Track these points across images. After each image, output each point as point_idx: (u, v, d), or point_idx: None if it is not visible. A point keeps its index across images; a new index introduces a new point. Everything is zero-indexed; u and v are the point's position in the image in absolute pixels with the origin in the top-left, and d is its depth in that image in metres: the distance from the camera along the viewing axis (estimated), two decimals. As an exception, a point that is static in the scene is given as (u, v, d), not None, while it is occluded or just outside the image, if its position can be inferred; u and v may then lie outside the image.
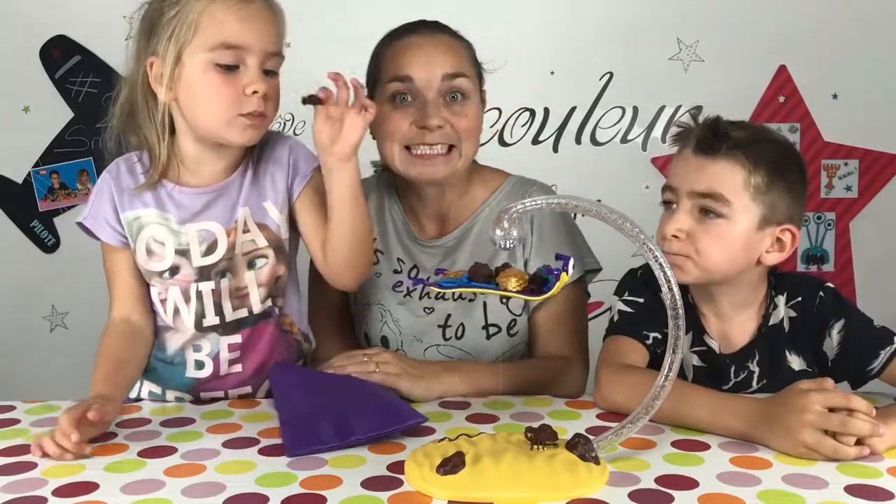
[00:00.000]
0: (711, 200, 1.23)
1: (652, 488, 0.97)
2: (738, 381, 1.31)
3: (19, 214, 2.40)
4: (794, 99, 2.39)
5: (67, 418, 1.08)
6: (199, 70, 1.21)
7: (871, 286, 2.40)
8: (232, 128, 1.23)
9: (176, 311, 1.33)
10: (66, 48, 2.35)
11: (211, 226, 1.30)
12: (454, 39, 1.43)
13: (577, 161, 2.38)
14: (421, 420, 1.14)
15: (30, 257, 2.41)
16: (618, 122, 2.39)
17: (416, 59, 1.38)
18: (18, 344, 2.39)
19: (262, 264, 1.32)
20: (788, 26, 2.35)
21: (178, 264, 1.30)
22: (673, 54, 2.36)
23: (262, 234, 1.31)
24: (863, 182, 2.42)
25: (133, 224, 1.31)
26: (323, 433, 1.09)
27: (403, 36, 1.42)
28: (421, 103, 1.38)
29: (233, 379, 1.36)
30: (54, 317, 2.42)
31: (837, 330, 1.29)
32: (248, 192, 1.31)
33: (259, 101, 1.22)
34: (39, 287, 2.41)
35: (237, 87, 1.21)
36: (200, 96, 1.22)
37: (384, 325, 1.48)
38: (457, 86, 1.38)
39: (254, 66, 1.22)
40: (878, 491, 0.96)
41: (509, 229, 0.98)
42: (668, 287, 0.97)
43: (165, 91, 1.23)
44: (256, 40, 1.21)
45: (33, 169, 2.37)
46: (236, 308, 1.33)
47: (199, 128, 1.26)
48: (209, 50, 1.20)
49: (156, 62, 1.23)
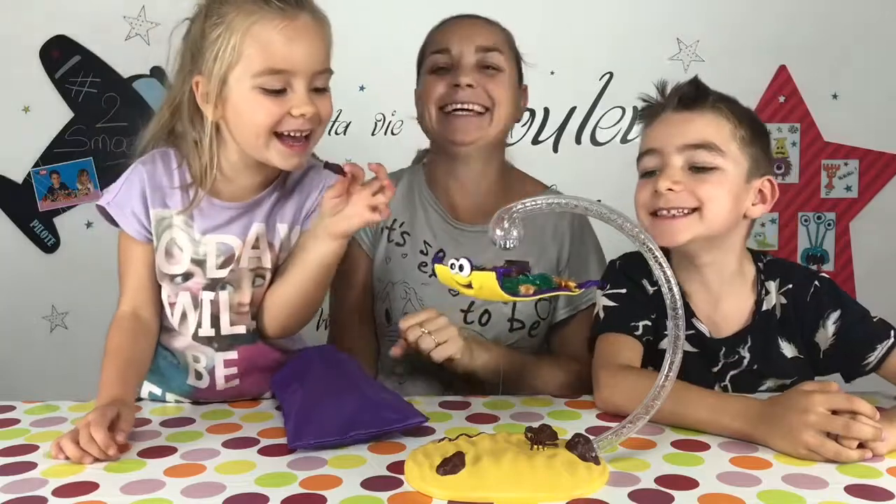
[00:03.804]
0: (705, 151, 1.24)
1: (652, 488, 0.97)
2: (728, 363, 1.31)
3: (19, 214, 2.40)
4: (794, 99, 2.39)
5: (101, 433, 1.05)
6: (245, 93, 1.18)
7: (871, 286, 2.40)
8: (273, 150, 1.21)
9: (183, 315, 1.32)
10: (66, 48, 2.34)
11: (230, 239, 1.29)
12: (493, 23, 1.53)
13: (577, 161, 2.38)
14: (422, 420, 1.14)
15: (30, 257, 2.40)
16: (618, 122, 2.39)
17: (455, 34, 1.49)
18: (18, 344, 2.38)
19: (259, 283, 1.31)
20: (788, 26, 2.35)
21: (193, 272, 1.29)
22: (673, 54, 2.36)
23: (269, 253, 1.30)
24: (863, 182, 2.42)
25: (162, 222, 1.28)
26: (324, 427, 1.09)
27: (450, 20, 1.54)
28: (456, 72, 1.47)
29: (230, 392, 1.35)
30: (54, 317, 2.42)
31: (833, 321, 1.29)
32: (268, 211, 1.30)
33: (305, 121, 1.20)
34: (39, 287, 2.41)
35: (283, 108, 1.19)
36: (244, 115, 1.20)
37: (407, 303, 1.50)
38: (490, 59, 1.47)
39: (301, 89, 1.19)
40: (878, 491, 0.96)
41: (509, 229, 0.98)
42: (668, 287, 0.97)
43: (212, 109, 1.21)
44: (303, 63, 1.18)
45: (33, 169, 2.37)
46: (234, 323, 1.32)
47: (242, 145, 1.24)
48: (255, 76, 1.17)
49: (201, 81, 1.21)
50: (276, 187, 1.31)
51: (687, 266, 1.31)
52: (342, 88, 2.51)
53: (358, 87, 2.35)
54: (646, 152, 1.30)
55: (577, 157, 2.40)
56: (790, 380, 1.31)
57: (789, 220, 2.43)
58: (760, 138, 1.30)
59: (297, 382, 1.23)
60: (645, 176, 1.30)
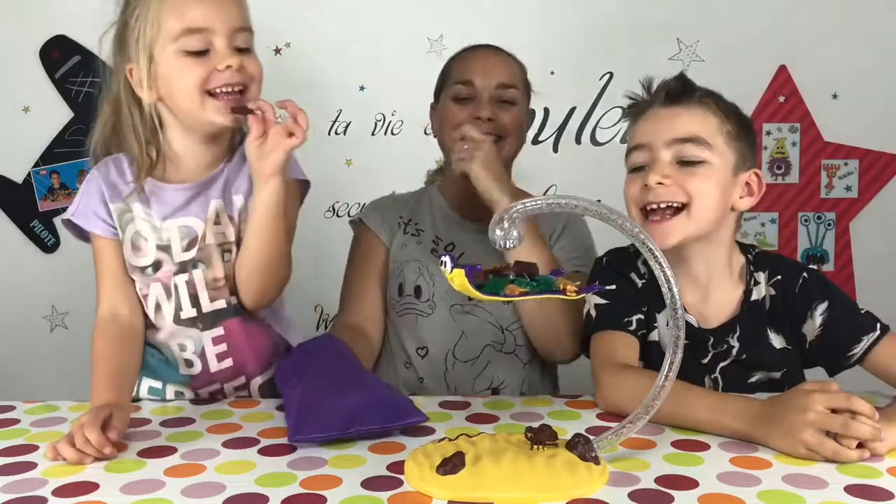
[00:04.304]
0: (693, 145, 1.26)
1: (652, 488, 0.97)
2: (716, 353, 1.32)
3: (19, 214, 2.40)
4: (794, 99, 2.38)
5: (95, 433, 1.06)
6: (172, 61, 1.24)
7: (870, 286, 2.39)
8: (209, 107, 1.25)
9: (157, 307, 1.34)
10: (66, 48, 2.34)
11: (190, 221, 1.32)
12: (511, 59, 1.64)
13: (577, 161, 2.38)
14: (422, 419, 1.15)
15: (30, 257, 2.40)
16: (618, 122, 2.39)
17: (478, 67, 1.59)
18: (18, 344, 2.38)
19: (228, 258, 1.34)
20: (788, 26, 2.35)
21: (161, 259, 1.32)
22: (673, 54, 2.36)
23: (232, 226, 1.33)
24: (863, 182, 2.42)
25: (123, 216, 1.32)
26: (325, 422, 1.10)
27: (472, 50, 1.65)
28: (477, 104, 1.57)
29: (226, 373, 1.37)
30: (54, 317, 2.42)
31: (820, 312, 1.29)
32: (223, 186, 1.33)
33: (233, 73, 1.24)
34: (39, 287, 2.40)
35: (209, 67, 1.24)
36: (176, 84, 1.25)
37: (420, 277, 1.59)
38: (507, 94, 1.58)
39: (222, 46, 1.24)
40: (878, 491, 0.96)
41: (509, 229, 0.98)
42: (668, 287, 0.97)
43: (147, 92, 1.27)
44: (219, 20, 1.24)
45: (33, 169, 2.37)
46: (214, 299, 1.34)
47: (182, 114, 1.28)
48: (175, 39, 1.23)
49: (133, 68, 1.27)
50: (226, 163, 1.35)
51: (675, 258, 1.30)
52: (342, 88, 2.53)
53: (358, 87, 2.35)
54: (634, 148, 1.31)
55: (577, 157, 2.39)
56: (780, 372, 1.32)
57: (789, 220, 2.43)
58: (746, 132, 1.32)
59: (297, 377, 1.23)
60: (634, 171, 1.32)
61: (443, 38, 2.27)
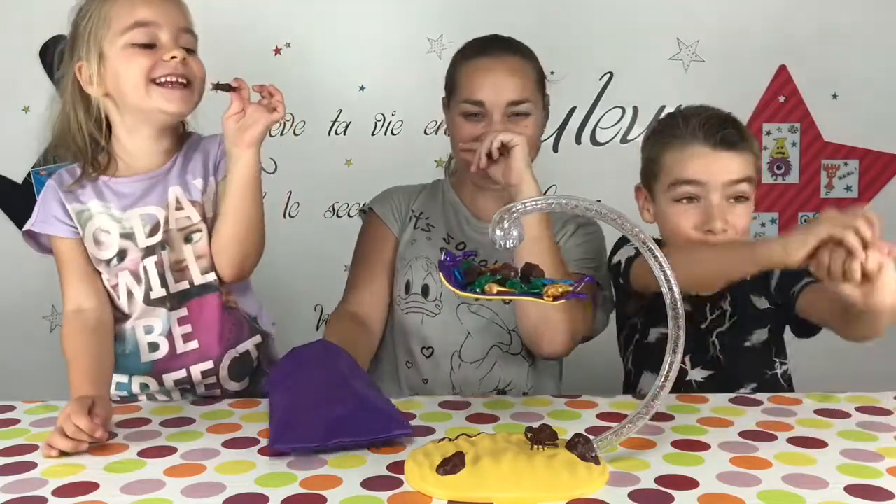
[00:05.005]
0: (746, 184, 1.39)
1: (652, 488, 0.97)
2: (713, 318, 1.45)
3: (19, 214, 2.40)
4: (794, 99, 2.38)
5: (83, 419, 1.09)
6: (119, 53, 1.30)
7: (871, 286, 2.40)
8: (155, 95, 1.30)
9: (129, 294, 1.37)
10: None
11: (152, 209, 1.37)
12: (523, 60, 1.54)
13: (577, 161, 2.38)
14: (406, 433, 1.11)
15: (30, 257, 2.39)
16: (618, 122, 2.39)
17: (487, 84, 1.50)
18: (18, 344, 2.38)
19: (198, 238, 1.38)
20: (788, 26, 2.35)
21: (125, 248, 1.36)
22: (673, 54, 2.36)
23: (195, 209, 1.37)
24: (863, 182, 2.42)
25: (82, 215, 1.37)
26: (306, 432, 1.08)
27: (478, 56, 1.55)
28: (488, 121, 1.50)
29: (192, 356, 1.39)
30: (54, 317, 2.41)
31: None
32: (178, 173, 1.38)
33: (178, 64, 1.30)
34: (39, 287, 2.39)
35: (155, 57, 1.29)
36: (123, 75, 1.30)
37: (428, 275, 1.56)
38: (521, 109, 1.51)
39: (168, 40, 1.30)
40: (878, 491, 0.96)
41: (509, 229, 0.98)
42: (668, 287, 0.97)
43: (97, 88, 1.32)
44: (165, 17, 1.31)
45: (33, 169, 2.37)
46: (178, 281, 1.38)
47: (129, 106, 1.32)
48: (123, 33, 1.29)
49: (83, 65, 1.32)
50: (177, 155, 1.40)
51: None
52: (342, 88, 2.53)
53: (358, 87, 2.35)
54: (685, 182, 1.40)
55: (576, 157, 2.39)
56: (767, 327, 1.46)
57: (789, 220, 2.43)
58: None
59: (286, 384, 1.21)
60: (683, 201, 1.41)
61: (443, 38, 2.27)
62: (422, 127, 2.32)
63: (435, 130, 2.34)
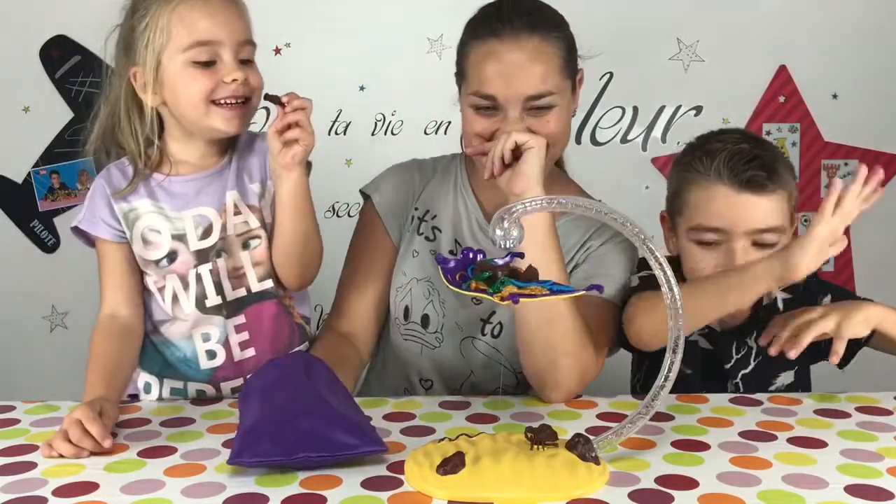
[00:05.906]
0: (771, 234, 1.28)
1: (652, 488, 0.97)
2: (739, 358, 1.37)
3: (19, 214, 2.40)
4: (794, 99, 2.39)
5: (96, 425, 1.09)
6: (179, 70, 1.27)
7: (871, 286, 2.38)
8: (215, 115, 1.28)
9: (174, 298, 1.35)
10: (66, 48, 2.34)
11: (205, 210, 1.34)
12: (544, 41, 1.31)
13: (576, 161, 2.37)
14: (380, 449, 1.04)
15: (30, 257, 2.41)
16: (618, 122, 2.39)
17: (499, 77, 1.29)
18: (18, 344, 2.38)
19: (255, 245, 1.36)
20: (788, 26, 2.35)
21: (176, 249, 1.34)
22: (673, 54, 2.36)
23: (254, 215, 1.35)
24: (863, 182, 2.42)
25: (129, 215, 1.34)
26: (271, 445, 1.01)
27: (489, 36, 1.31)
28: (503, 115, 1.31)
29: (249, 364, 1.37)
30: (54, 317, 2.42)
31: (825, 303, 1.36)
32: (234, 177, 1.36)
33: (238, 86, 1.28)
34: (39, 287, 2.41)
35: (215, 78, 1.27)
36: (182, 92, 1.28)
37: (429, 304, 1.44)
38: (542, 103, 1.30)
39: (229, 59, 1.28)
40: (878, 491, 0.96)
41: (510, 229, 0.98)
42: (667, 287, 0.97)
43: (151, 96, 1.30)
44: (226, 33, 1.27)
45: (33, 169, 2.37)
46: (235, 287, 1.36)
47: (186, 121, 1.31)
48: (184, 51, 1.26)
49: (139, 72, 1.29)
50: (231, 154, 1.38)
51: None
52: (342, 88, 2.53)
53: (358, 87, 2.35)
54: (708, 229, 1.31)
55: (576, 157, 2.38)
56: (793, 370, 1.37)
57: (789, 220, 2.43)
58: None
59: (258, 395, 1.13)
60: (704, 245, 1.32)
61: (443, 38, 2.27)
62: (422, 127, 2.32)
63: (435, 130, 2.34)
